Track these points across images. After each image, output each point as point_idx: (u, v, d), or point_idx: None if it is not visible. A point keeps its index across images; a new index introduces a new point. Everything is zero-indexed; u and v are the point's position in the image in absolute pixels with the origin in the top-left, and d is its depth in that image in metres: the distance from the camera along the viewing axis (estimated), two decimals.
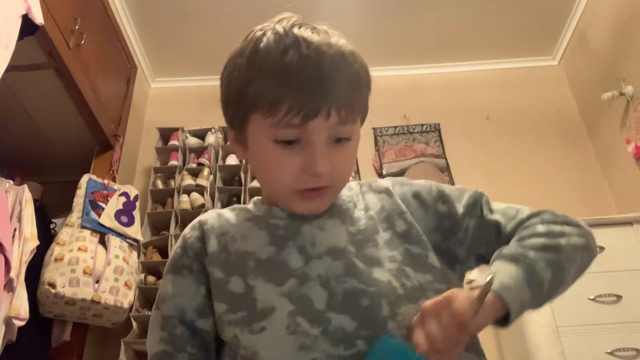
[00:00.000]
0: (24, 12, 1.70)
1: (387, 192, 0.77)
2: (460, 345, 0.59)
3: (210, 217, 0.76)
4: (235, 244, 0.71)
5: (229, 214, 0.77)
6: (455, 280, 0.73)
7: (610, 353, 1.89)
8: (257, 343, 0.62)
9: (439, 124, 3.07)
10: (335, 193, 0.72)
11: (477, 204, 0.75)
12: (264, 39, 0.65)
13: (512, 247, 0.68)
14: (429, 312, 0.59)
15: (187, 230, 0.76)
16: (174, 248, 0.76)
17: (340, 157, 0.67)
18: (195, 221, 0.77)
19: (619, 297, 1.99)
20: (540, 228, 0.71)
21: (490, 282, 0.60)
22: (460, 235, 0.73)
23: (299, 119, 0.62)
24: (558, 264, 0.68)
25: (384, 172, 2.89)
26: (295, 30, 0.65)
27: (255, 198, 0.80)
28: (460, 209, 0.75)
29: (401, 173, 2.88)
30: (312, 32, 0.66)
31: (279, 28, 0.66)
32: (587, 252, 0.75)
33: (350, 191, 0.78)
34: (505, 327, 0.64)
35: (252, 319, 0.64)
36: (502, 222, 0.74)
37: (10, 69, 1.63)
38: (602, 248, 2.09)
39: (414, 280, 0.67)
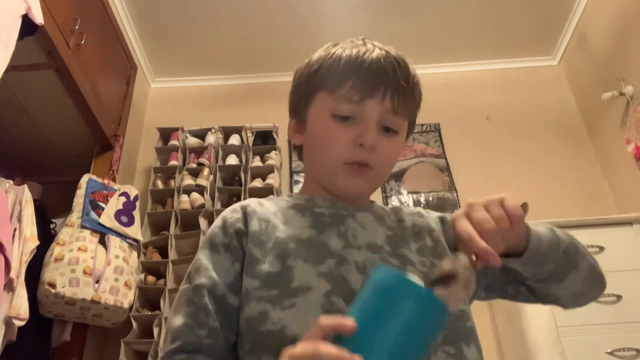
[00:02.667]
0: (24, 12, 1.70)
1: (419, 214, 0.83)
2: (506, 241, 0.61)
3: (251, 202, 0.79)
4: (276, 231, 0.73)
5: (268, 203, 0.80)
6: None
7: (610, 353, 1.89)
8: (286, 318, 0.64)
9: (439, 124, 3.07)
10: (377, 180, 0.78)
11: None
12: (338, 44, 0.79)
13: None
14: (476, 204, 0.61)
15: (226, 212, 0.78)
16: (211, 227, 0.77)
17: (386, 143, 0.75)
18: (236, 205, 0.79)
19: (619, 297, 1.99)
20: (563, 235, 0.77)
21: (526, 205, 0.65)
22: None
23: (359, 96, 0.73)
24: (573, 251, 0.75)
25: None
26: (367, 40, 0.78)
27: (290, 193, 0.85)
28: None
29: (401, 173, 2.88)
30: (382, 44, 0.78)
31: (349, 39, 0.79)
32: (598, 273, 0.81)
33: (386, 206, 0.85)
34: (515, 260, 0.68)
35: (285, 295, 0.65)
36: None
37: (10, 69, 1.63)
38: (602, 248, 2.09)
39: None
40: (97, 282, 2.07)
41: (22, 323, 1.77)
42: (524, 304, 2.05)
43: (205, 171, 2.66)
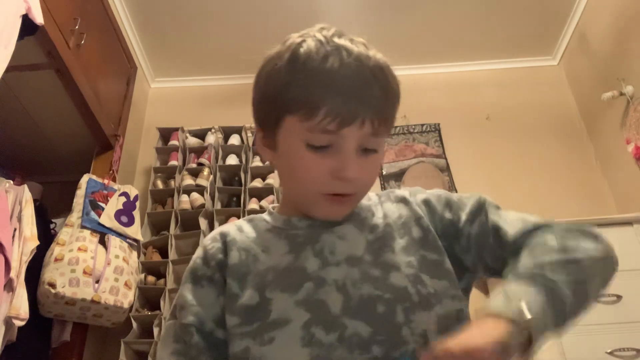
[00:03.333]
0: (24, 12, 1.70)
1: (404, 200, 0.78)
2: None
3: (231, 229, 0.76)
4: (256, 263, 0.71)
5: (247, 227, 0.77)
6: (463, 291, 0.71)
7: (610, 353, 1.89)
8: (266, 354, 0.62)
9: (439, 124, 3.07)
10: (357, 202, 0.74)
11: (480, 210, 0.74)
12: (304, 45, 0.66)
13: (526, 265, 0.63)
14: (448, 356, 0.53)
15: (207, 241, 0.75)
16: (193, 258, 0.75)
17: (367, 167, 0.68)
18: (215, 232, 0.76)
19: (619, 297, 1.99)
20: (553, 241, 0.67)
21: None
22: (463, 242, 0.73)
23: (335, 125, 0.63)
24: (579, 282, 0.63)
25: (384, 173, 2.89)
26: (336, 39, 0.66)
27: (271, 207, 0.81)
28: (463, 215, 0.74)
29: (401, 173, 2.88)
30: (352, 43, 0.67)
31: (319, 36, 0.67)
32: (608, 263, 0.72)
33: (369, 201, 0.79)
34: (524, 355, 0.57)
35: (264, 329, 0.64)
36: (503, 228, 0.71)
37: (10, 69, 1.64)
38: None
39: (429, 287, 0.67)
40: (97, 282, 2.07)
41: (22, 323, 1.77)
42: None
43: (205, 171, 2.66)
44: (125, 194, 2.45)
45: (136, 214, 2.44)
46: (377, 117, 0.65)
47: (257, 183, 2.67)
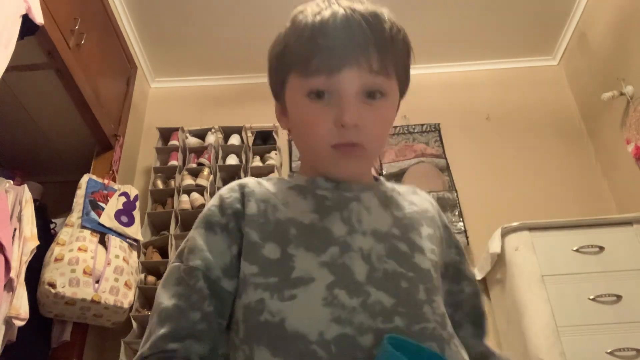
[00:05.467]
0: (24, 12, 1.70)
1: (431, 202, 0.80)
2: None
3: (250, 182, 0.74)
4: (276, 212, 0.69)
5: (267, 183, 0.75)
6: None
7: (610, 353, 1.89)
8: (286, 310, 0.60)
9: (439, 124, 3.07)
10: (372, 155, 0.72)
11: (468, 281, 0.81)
12: (303, 10, 0.71)
13: None
14: None
15: (224, 191, 0.73)
16: (207, 205, 0.73)
17: (373, 114, 0.67)
18: (234, 184, 0.74)
19: (619, 297, 1.99)
20: None
21: None
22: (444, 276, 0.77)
23: (328, 69, 0.65)
24: None
25: (384, 172, 2.89)
26: (333, 1, 0.69)
27: (291, 172, 0.81)
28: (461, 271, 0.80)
29: (401, 173, 2.88)
30: (350, 1, 0.69)
31: (319, 1, 0.71)
32: None
33: (393, 185, 0.80)
34: None
35: (285, 285, 0.62)
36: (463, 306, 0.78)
37: (10, 69, 1.63)
38: (602, 248, 2.09)
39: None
40: (97, 282, 2.07)
41: (22, 323, 1.77)
42: (525, 304, 2.06)
43: (205, 171, 2.66)
44: (125, 194, 2.45)
45: (136, 214, 2.44)
46: (373, 55, 0.66)
47: None
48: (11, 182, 2.01)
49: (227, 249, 0.67)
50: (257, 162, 2.77)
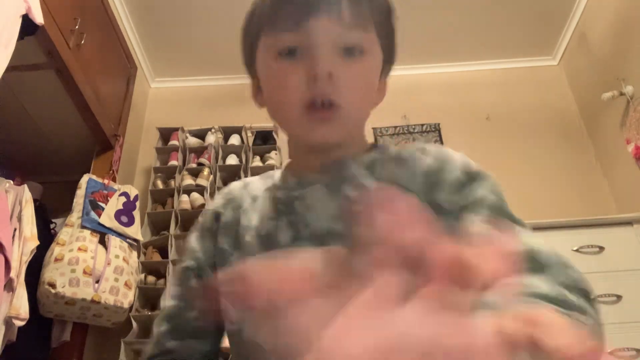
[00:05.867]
0: (24, 12, 1.70)
1: (435, 157, 0.66)
2: None
3: (236, 187, 0.74)
4: (244, 217, 0.68)
5: (253, 184, 0.73)
6: None
7: (610, 353, 1.89)
8: (242, 320, 0.62)
9: (439, 124, 3.07)
10: (350, 119, 0.62)
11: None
12: None
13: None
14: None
15: (216, 196, 0.77)
16: (204, 209, 0.77)
17: (349, 67, 0.60)
18: (224, 188, 0.77)
19: (619, 297, 1.99)
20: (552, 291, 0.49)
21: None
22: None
23: (296, 19, 0.59)
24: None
25: None
26: None
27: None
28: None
29: None
30: None
31: None
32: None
33: (394, 151, 0.69)
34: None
35: None
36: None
37: (10, 69, 1.64)
38: (602, 248, 2.09)
39: None
40: (97, 282, 2.07)
41: (22, 323, 1.77)
42: None
43: (205, 171, 2.66)
44: (125, 194, 2.45)
45: (136, 214, 2.44)
46: (344, 5, 0.60)
47: None
48: (11, 182, 2.01)
49: (212, 252, 0.69)
50: (257, 162, 2.77)
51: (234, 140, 2.85)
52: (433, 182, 0.62)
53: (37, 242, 1.91)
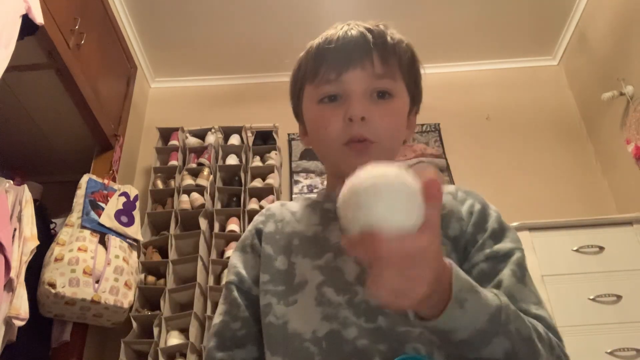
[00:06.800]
0: (24, 12, 1.70)
1: (452, 194, 0.74)
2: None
3: (274, 206, 0.84)
4: (287, 226, 0.77)
5: (291, 203, 0.84)
6: None
7: (610, 353, 1.89)
8: (288, 314, 0.67)
9: (439, 124, 3.07)
10: (383, 152, 0.72)
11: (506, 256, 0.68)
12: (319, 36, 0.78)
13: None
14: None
15: (256, 216, 0.84)
16: (245, 230, 0.83)
17: (381, 108, 0.71)
18: (264, 209, 0.85)
19: (619, 297, 1.99)
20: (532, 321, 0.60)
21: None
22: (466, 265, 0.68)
23: (335, 74, 0.71)
24: (524, 336, 0.56)
25: None
26: (347, 22, 0.77)
27: (322, 189, 0.86)
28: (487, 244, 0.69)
29: None
30: (361, 22, 0.76)
31: (334, 25, 0.78)
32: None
33: None
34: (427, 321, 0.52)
35: (289, 292, 0.69)
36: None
37: (10, 69, 1.64)
38: (602, 248, 2.09)
39: None
40: (97, 282, 2.07)
41: (22, 323, 1.77)
42: None
43: (205, 171, 2.66)
44: (125, 194, 2.45)
45: (136, 214, 2.44)
46: (374, 59, 0.71)
47: (257, 183, 2.67)
48: (11, 182, 2.01)
49: (255, 263, 0.76)
50: (257, 162, 2.77)
51: (234, 140, 2.85)
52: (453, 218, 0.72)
53: (37, 242, 1.91)
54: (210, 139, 2.84)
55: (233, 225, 2.50)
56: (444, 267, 0.50)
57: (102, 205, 2.31)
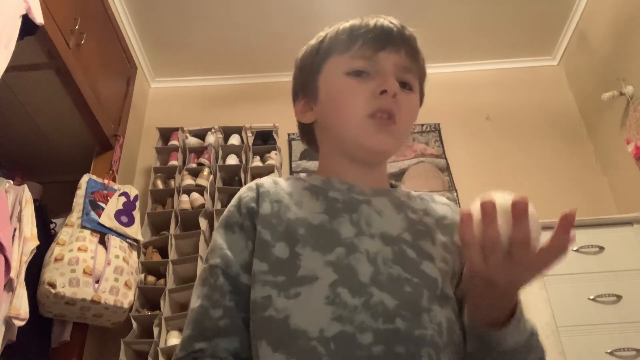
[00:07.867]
0: (24, 12, 1.70)
1: (451, 206, 0.80)
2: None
3: (266, 182, 0.77)
4: (288, 212, 0.71)
5: (284, 182, 0.77)
6: None
7: (610, 353, 1.89)
8: (290, 307, 0.62)
9: (439, 124, 3.07)
10: (400, 138, 0.75)
11: None
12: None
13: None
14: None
15: (242, 190, 0.77)
16: (228, 206, 0.76)
17: (405, 98, 0.74)
18: (251, 183, 0.78)
19: (619, 297, 1.99)
20: None
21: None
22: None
23: (371, 51, 0.73)
24: None
25: None
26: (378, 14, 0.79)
27: (310, 173, 0.83)
28: None
29: (401, 173, 2.88)
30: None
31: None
32: None
33: (410, 191, 0.81)
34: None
35: (290, 284, 0.64)
36: None
37: (10, 69, 1.63)
38: (602, 248, 2.09)
39: (449, 289, 0.68)
40: (97, 282, 2.07)
41: (22, 323, 1.77)
42: (525, 304, 2.06)
43: (205, 171, 2.66)
44: (125, 194, 2.45)
45: (136, 214, 2.44)
46: (407, 51, 0.75)
47: None
48: (11, 182, 2.01)
49: (245, 246, 0.70)
50: (257, 162, 2.77)
51: (234, 140, 2.85)
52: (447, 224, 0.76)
53: (37, 242, 1.91)
54: (210, 139, 2.84)
55: None
56: None
57: (102, 205, 2.31)
